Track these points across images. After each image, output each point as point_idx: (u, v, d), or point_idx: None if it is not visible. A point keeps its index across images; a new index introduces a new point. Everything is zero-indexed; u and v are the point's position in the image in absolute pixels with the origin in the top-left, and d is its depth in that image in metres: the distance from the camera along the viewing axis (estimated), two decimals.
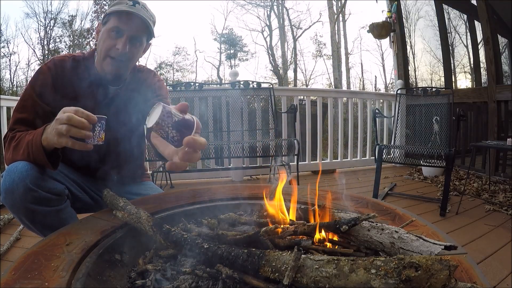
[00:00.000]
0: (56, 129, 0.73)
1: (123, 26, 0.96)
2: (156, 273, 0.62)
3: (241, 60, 17.36)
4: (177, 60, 16.38)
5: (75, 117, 0.71)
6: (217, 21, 28.62)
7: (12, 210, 0.84)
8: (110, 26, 0.96)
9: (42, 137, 0.79)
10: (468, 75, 8.12)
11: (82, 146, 0.74)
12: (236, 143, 2.50)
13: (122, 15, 0.95)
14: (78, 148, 0.74)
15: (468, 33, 6.16)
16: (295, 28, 16.18)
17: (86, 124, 0.72)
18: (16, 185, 0.79)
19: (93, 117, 0.74)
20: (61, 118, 0.72)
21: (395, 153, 2.62)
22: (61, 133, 0.71)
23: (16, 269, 0.53)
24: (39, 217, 0.85)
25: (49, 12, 11.88)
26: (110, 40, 0.96)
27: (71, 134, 0.72)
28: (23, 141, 0.84)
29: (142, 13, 0.96)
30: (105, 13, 0.99)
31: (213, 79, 16.68)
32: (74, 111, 0.72)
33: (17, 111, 0.95)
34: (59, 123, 0.72)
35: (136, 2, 0.97)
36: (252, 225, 0.78)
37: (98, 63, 1.02)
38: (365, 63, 23.21)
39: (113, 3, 0.99)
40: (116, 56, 0.97)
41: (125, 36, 0.96)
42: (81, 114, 0.73)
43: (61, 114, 0.73)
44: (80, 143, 0.74)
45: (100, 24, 1.02)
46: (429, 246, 0.53)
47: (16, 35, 12.29)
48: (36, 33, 11.79)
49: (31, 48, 11.75)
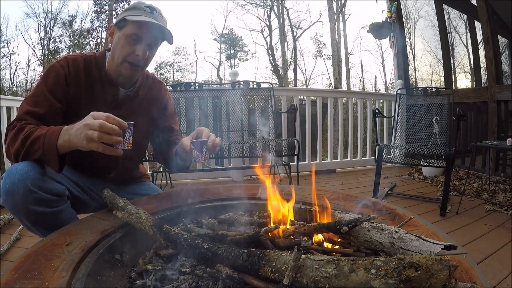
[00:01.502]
0: (85, 134, 0.74)
1: (143, 34, 0.98)
2: (156, 273, 0.62)
3: (241, 60, 17.36)
4: (177, 60, 16.39)
5: (107, 124, 0.73)
6: (217, 21, 28.60)
7: (12, 212, 0.84)
8: (129, 33, 0.97)
9: (59, 138, 0.79)
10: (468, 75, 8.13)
11: (112, 152, 0.76)
12: (236, 143, 2.50)
13: (142, 24, 0.96)
14: (109, 153, 0.76)
15: (468, 33, 6.17)
16: (295, 28, 16.18)
17: (118, 131, 0.75)
18: (16, 186, 0.79)
19: (124, 124, 0.76)
20: (92, 124, 0.73)
21: (395, 153, 2.62)
22: (92, 138, 0.73)
23: (16, 269, 0.53)
24: (40, 218, 0.85)
25: (49, 12, 11.88)
26: (129, 46, 0.98)
27: (102, 141, 0.73)
28: (34, 135, 0.82)
29: (160, 21, 0.99)
30: (120, 17, 0.99)
31: (213, 79, 16.68)
32: (105, 118, 0.74)
33: (28, 104, 0.93)
34: (89, 128, 0.73)
35: (154, 9, 0.99)
36: (252, 225, 0.78)
37: (112, 66, 1.03)
38: (365, 63, 23.21)
39: (129, 9, 1.00)
40: (135, 61, 1.00)
41: (144, 44, 0.99)
42: (112, 120, 0.75)
43: (90, 119, 0.75)
44: (111, 149, 0.76)
45: (114, 27, 1.03)
46: (429, 246, 0.53)
47: (16, 35, 12.28)
48: (36, 33, 11.79)
49: (31, 48, 11.74)
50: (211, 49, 24.95)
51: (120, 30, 0.99)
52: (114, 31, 1.02)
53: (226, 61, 17.25)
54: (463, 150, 3.80)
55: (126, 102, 1.09)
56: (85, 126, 0.74)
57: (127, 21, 0.97)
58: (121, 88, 1.07)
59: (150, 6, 0.99)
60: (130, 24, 0.97)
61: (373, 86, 15.61)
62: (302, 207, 0.82)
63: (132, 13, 0.97)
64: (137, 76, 1.08)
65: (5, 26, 11.53)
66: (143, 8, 0.98)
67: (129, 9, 1.00)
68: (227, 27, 17.06)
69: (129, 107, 1.09)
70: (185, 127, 3.01)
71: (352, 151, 3.94)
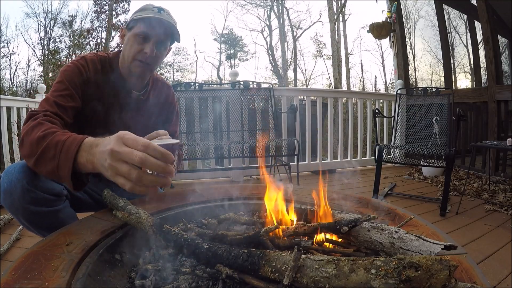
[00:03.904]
0: (115, 167, 0.55)
1: (150, 32, 0.99)
2: (156, 273, 0.62)
3: (241, 60, 17.40)
4: (177, 60, 16.42)
5: (150, 159, 0.54)
6: (217, 21, 28.66)
7: (10, 211, 0.84)
8: (137, 32, 0.99)
9: (79, 154, 0.63)
10: (468, 75, 8.13)
11: (153, 193, 0.60)
12: (236, 143, 2.50)
13: (150, 22, 0.98)
14: (150, 195, 0.65)
15: (468, 33, 6.17)
16: (295, 28, 16.20)
17: (164, 168, 0.55)
18: (14, 186, 0.79)
19: (171, 157, 0.56)
20: (125, 155, 0.54)
21: (395, 153, 2.62)
22: (126, 177, 0.55)
23: (16, 269, 0.53)
24: (38, 217, 0.85)
25: (49, 12, 11.89)
26: (137, 45, 0.99)
27: (143, 183, 0.55)
28: (50, 138, 0.68)
29: (168, 19, 1.00)
30: (130, 19, 1.03)
31: (213, 79, 16.70)
32: (142, 147, 0.54)
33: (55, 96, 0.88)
34: (120, 159, 0.55)
35: (162, 9, 1.01)
36: (252, 225, 0.78)
37: (124, 66, 1.04)
38: (365, 63, 23.26)
39: (139, 10, 1.02)
40: (144, 59, 1.00)
41: (152, 41, 0.99)
42: (153, 152, 0.54)
43: (120, 145, 0.55)
44: (152, 191, 0.58)
45: (124, 29, 1.06)
46: (429, 246, 0.53)
47: (16, 35, 12.34)
48: (36, 33, 11.81)
49: (31, 48, 11.76)
50: (211, 49, 25.05)
51: (129, 31, 1.02)
52: (124, 33, 1.05)
53: (226, 61, 17.29)
54: (463, 150, 3.80)
55: (139, 105, 1.11)
56: (113, 154, 0.55)
57: (136, 20, 1.00)
58: (134, 92, 1.09)
59: (158, 7, 1.01)
60: (138, 24, 0.99)
61: (373, 86, 15.64)
62: (303, 207, 0.82)
63: (141, 13, 1.00)
64: (147, 75, 1.08)
65: (5, 26, 11.56)
66: (151, 8, 1.00)
67: (138, 10, 1.02)
68: (227, 27, 17.12)
69: (142, 111, 1.11)
70: (185, 127, 3.02)
71: (352, 151, 3.94)
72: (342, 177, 3.60)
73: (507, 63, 5.83)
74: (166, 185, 0.57)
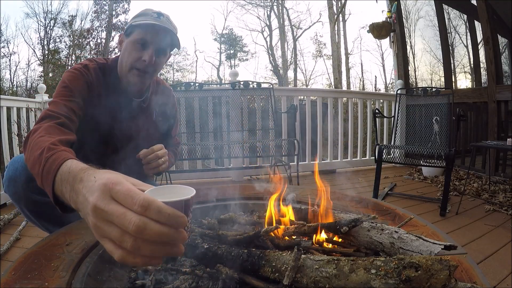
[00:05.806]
0: (101, 229, 0.39)
1: (149, 39, 0.94)
2: (156, 273, 0.62)
3: (241, 60, 17.40)
4: (177, 60, 16.40)
5: (151, 226, 0.36)
6: (217, 21, 28.67)
7: (13, 199, 0.85)
8: (136, 38, 0.95)
9: (56, 181, 0.52)
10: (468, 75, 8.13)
11: (157, 262, 0.39)
12: (236, 143, 2.50)
13: (148, 28, 0.94)
14: (152, 265, 0.48)
15: (468, 33, 6.17)
16: (295, 28, 16.20)
17: (173, 236, 0.38)
18: (19, 173, 0.80)
19: (183, 219, 0.38)
20: (117, 219, 0.37)
21: (395, 153, 2.62)
22: (117, 243, 0.38)
23: (16, 269, 0.53)
24: (40, 207, 0.85)
25: (49, 12, 11.90)
26: (136, 52, 0.95)
27: (142, 253, 0.37)
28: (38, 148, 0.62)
29: (167, 25, 0.96)
30: (128, 24, 0.98)
31: (213, 79, 16.70)
32: (141, 209, 0.36)
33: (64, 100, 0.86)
34: (106, 220, 0.38)
35: (161, 15, 0.97)
36: (252, 225, 0.78)
37: (122, 74, 1.01)
38: (365, 63, 23.28)
39: (137, 15, 0.99)
40: (142, 67, 0.96)
41: (151, 48, 0.95)
42: (156, 215, 0.36)
43: (109, 203, 0.38)
44: (155, 260, 0.39)
45: (122, 35, 1.01)
46: (429, 246, 0.53)
47: (16, 35, 12.34)
48: (36, 33, 11.82)
49: (31, 48, 11.77)
50: (211, 49, 25.06)
51: (127, 37, 0.98)
52: (122, 39, 1.01)
53: (226, 61, 17.29)
54: (463, 150, 3.80)
55: (140, 113, 1.07)
56: (96, 212, 0.39)
57: (134, 26, 0.96)
58: (135, 99, 1.05)
59: (158, 12, 0.97)
60: (137, 30, 0.95)
61: (373, 86, 15.64)
62: (303, 207, 0.82)
63: (139, 19, 0.96)
64: (145, 84, 1.03)
65: (5, 26, 11.55)
66: (151, 13, 0.96)
67: (137, 16, 0.99)
68: (227, 27, 17.12)
69: (144, 119, 1.08)
70: (185, 127, 3.02)
71: (352, 151, 3.94)
72: (342, 177, 3.59)
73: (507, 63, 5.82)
74: (176, 255, 0.40)
